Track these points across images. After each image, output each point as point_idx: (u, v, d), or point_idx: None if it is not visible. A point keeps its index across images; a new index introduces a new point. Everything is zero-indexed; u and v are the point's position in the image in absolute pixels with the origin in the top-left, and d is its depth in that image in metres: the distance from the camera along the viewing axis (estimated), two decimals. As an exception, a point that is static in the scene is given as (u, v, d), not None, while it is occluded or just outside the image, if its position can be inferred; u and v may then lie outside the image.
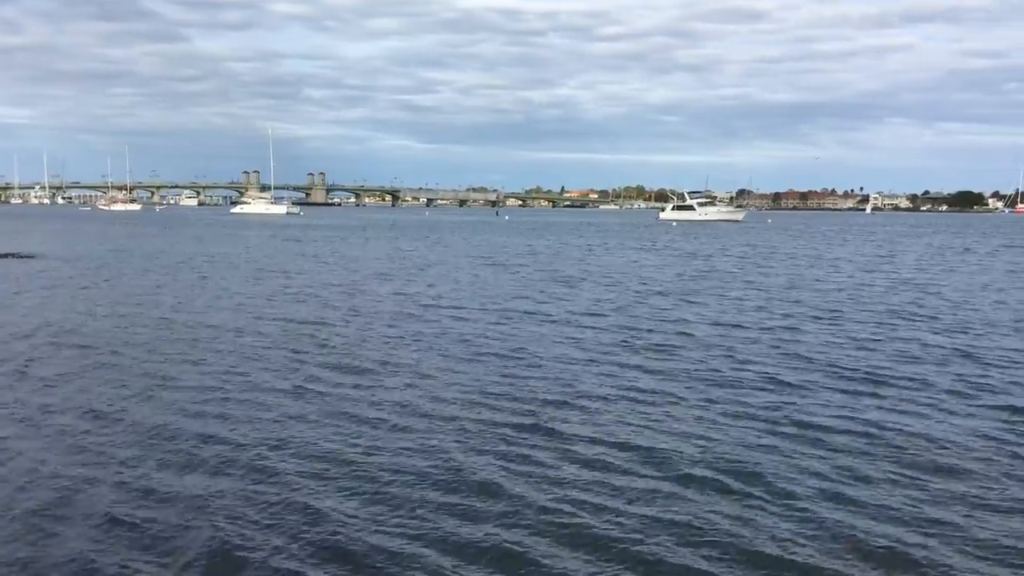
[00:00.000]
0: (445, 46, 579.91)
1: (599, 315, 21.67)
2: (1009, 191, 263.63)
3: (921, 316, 22.22)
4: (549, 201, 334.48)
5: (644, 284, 30.42)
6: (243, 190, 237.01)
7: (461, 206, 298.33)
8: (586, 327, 19.60)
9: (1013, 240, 77.03)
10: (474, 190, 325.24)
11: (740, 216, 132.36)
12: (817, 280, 32.98)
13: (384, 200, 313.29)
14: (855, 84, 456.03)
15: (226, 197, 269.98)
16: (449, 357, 15.66)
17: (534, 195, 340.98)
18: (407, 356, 15.73)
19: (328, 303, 23.57)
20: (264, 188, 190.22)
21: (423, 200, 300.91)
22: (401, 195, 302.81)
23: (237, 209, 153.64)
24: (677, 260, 44.31)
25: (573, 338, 17.97)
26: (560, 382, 13.62)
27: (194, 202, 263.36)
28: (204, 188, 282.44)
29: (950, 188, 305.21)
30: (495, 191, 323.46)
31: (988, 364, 15.54)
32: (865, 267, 40.70)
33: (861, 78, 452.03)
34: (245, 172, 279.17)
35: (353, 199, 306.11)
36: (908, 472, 9.43)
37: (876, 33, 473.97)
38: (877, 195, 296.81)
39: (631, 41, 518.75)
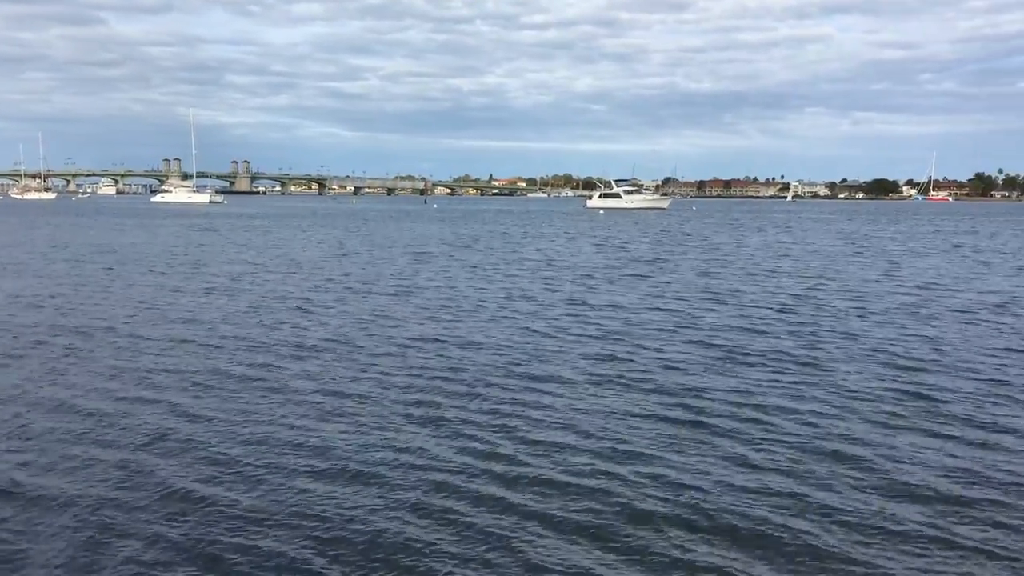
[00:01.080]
0: (371, 32, 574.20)
1: (513, 300, 21.77)
2: (922, 179, 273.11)
3: (811, 302, 22.82)
4: (477, 189, 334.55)
5: (554, 268, 30.62)
6: (164, 178, 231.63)
7: (389, 194, 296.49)
8: (501, 316, 19.64)
9: (915, 226, 79.78)
10: (402, 178, 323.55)
11: (665, 204, 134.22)
12: (723, 267, 33.62)
13: (311, 189, 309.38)
14: (776, 74, 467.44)
15: (146, 186, 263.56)
16: (359, 348, 15.53)
17: (462, 183, 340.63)
18: (310, 349, 15.55)
19: (235, 294, 23.15)
20: (186, 176, 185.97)
21: (350, 189, 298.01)
22: (328, 183, 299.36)
23: (158, 198, 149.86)
24: (599, 247, 44.67)
25: (488, 323, 18.03)
26: (466, 371, 13.63)
27: (112, 191, 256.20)
28: (123, 176, 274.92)
29: (866, 176, 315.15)
30: (423, 179, 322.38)
31: (871, 348, 16.03)
32: (781, 253, 41.66)
33: (781, 68, 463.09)
34: (166, 160, 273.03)
35: (279, 188, 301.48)
36: (799, 456, 9.66)
37: (796, 24, 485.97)
38: (797, 183, 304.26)
39: (558, 30, 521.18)
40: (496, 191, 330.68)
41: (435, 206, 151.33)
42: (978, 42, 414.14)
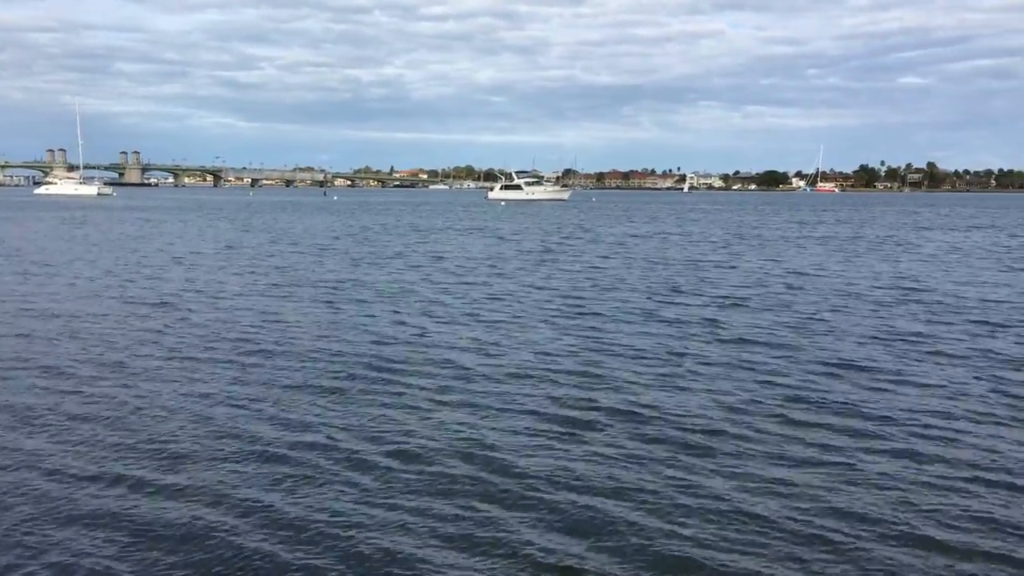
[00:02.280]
0: (267, 21, 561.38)
1: (411, 293, 21.98)
2: (810, 171, 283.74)
3: (686, 292, 23.74)
4: (379, 181, 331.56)
5: (440, 259, 30.91)
6: (47, 169, 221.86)
7: (288, 186, 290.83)
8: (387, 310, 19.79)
9: (793, 215, 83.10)
10: (301, 170, 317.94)
11: (566, 195, 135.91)
12: (607, 257, 34.49)
13: (205, 180, 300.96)
14: (671, 68, 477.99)
15: (28, 177, 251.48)
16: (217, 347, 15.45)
17: (363, 175, 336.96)
18: (169, 348, 15.41)
19: (101, 293, 22.62)
20: (72, 168, 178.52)
21: (247, 180, 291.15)
22: (224, 175, 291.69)
23: (42, 190, 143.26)
24: (489, 239, 45.09)
25: (372, 316, 18.19)
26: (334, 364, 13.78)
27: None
28: (2, 167, 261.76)
29: (758, 168, 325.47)
30: (323, 171, 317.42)
31: (733, 337, 16.86)
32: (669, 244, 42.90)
33: (677, 62, 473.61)
34: (50, 150, 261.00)
35: (171, 179, 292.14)
36: (662, 447, 10.16)
37: (689, 19, 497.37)
38: (693, 175, 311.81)
39: (457, 21, 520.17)
40: (397, 183, 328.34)
41: (335, 198, 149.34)
42: (861, 39, 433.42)
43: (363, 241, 42.98)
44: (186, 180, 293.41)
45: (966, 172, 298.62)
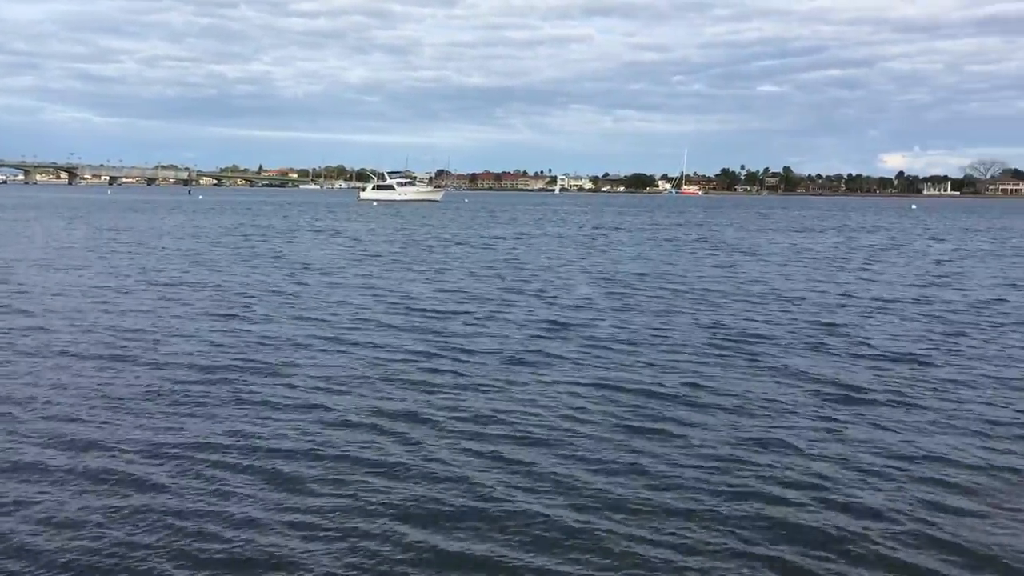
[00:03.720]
0: (125, 12, 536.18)
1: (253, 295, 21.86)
2: (675, 174, 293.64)
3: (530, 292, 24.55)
4: (247, 180, 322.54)
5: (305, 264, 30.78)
6: None
7: (150, 184, 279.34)
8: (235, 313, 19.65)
9: (655, 217, 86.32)
10: (164, 168, 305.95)
11: (438, 196, 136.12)
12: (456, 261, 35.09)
13: (59, 177, 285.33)
14: (542, 71, 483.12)
15: None
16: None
17: (230, 174, 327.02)
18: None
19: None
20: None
21: (105, 178, 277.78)
22: (80, 172, 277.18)
23: None
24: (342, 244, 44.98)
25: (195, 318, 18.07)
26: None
27: None
28: None
29: (626, 170, 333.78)
30: (187, 169, 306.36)
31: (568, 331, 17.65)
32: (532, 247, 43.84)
33: (547, 66, 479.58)
34: None
35: (21, 176, 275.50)
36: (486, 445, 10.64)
37: (559, 24, 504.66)
38: (564, 177, 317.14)
39: (327, 18, 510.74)
40: (266, 182, 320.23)
41: (200, 197, 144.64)
42: (722, 48, 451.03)
43: (224, 243, 42.06)
44: (38, 178, 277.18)
45: (819, 176, 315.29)
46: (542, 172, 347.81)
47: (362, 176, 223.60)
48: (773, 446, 9.81)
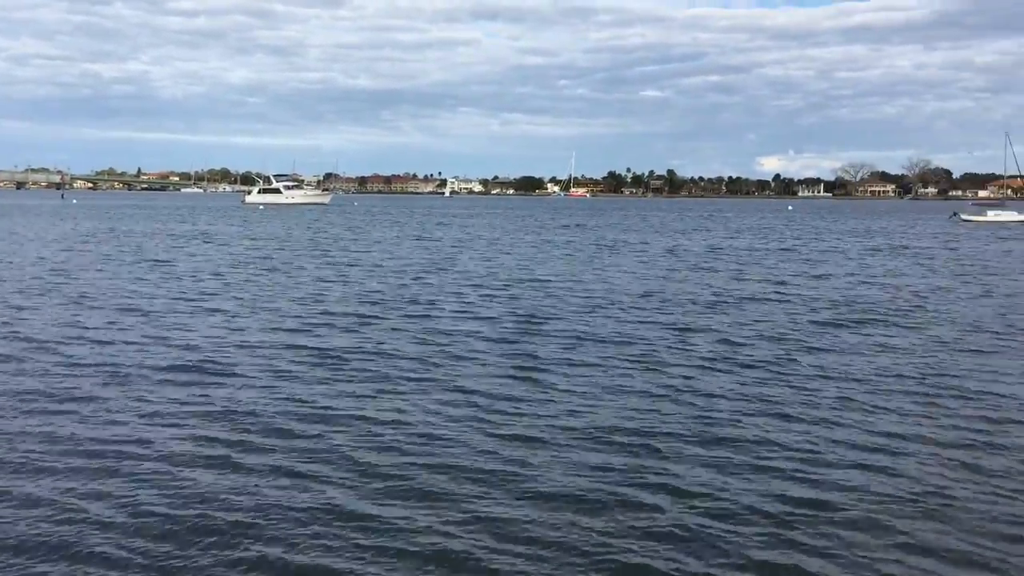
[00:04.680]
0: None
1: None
2: (564, 177, 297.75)
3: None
4: (124, 184, 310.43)
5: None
6: None
7: (19, 188, 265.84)
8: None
9: (542, 222, 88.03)
10: (35, 171, 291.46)
11: (327, 199, 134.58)
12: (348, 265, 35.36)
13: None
14: (430, 74, 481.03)
15: None
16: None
17: (107, 177, 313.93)
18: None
19: None
20: None
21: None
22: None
23: None
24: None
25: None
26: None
27: None
28: None
29: (515, 173, 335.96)
30: (60, 172, 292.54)
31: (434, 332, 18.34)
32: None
33: (435, 69, 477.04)
34: None
35: None
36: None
37: (446, 27, 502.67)
38: (454, 179, 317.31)
39: (207, 18, 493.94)
40: (146, 186, 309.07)
41: (74, 201, 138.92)
42: (606, 53, 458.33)
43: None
44: None
45: (701, 179, 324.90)
46: (432, 175, 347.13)
47: (247, 179, 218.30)
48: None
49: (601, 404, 11.94)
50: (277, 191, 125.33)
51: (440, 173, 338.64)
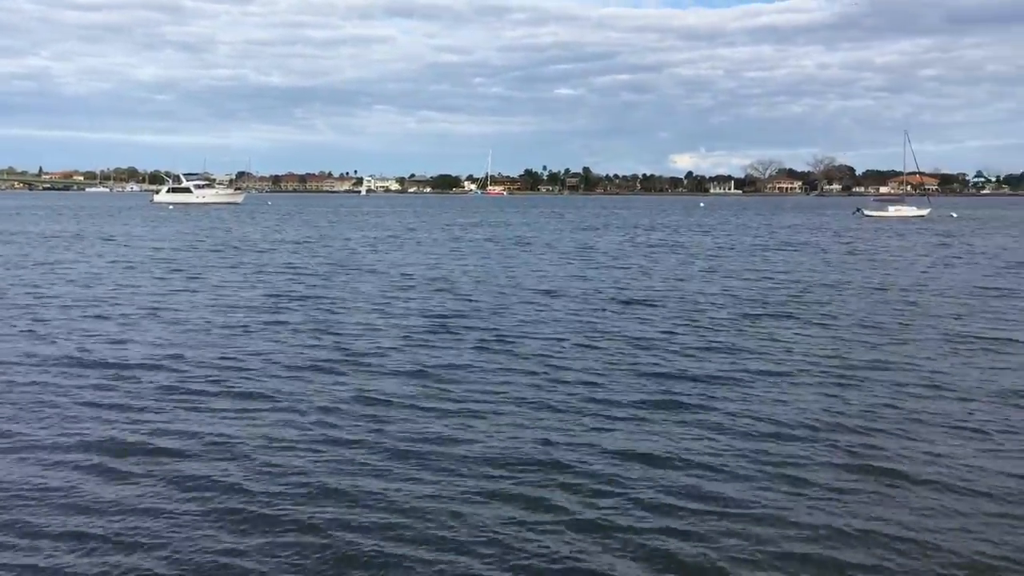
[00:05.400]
0: None
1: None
2: (480, 175, 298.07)
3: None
4: (24, 183, 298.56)
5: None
6: None
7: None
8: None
9: (452, 220, 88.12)
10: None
11: (239, 199, 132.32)
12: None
13: None
14: (344, 71, 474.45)
15: None
16: None
17: (6, 177, 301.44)
18: None
19: None
20: None
21: None
22: None
23: None
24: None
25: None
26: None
27: None
28: None
29: (432, 172, 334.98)
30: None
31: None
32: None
33: (349, 66, 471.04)
34: None
35: None
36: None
37: (360, 24, 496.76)
38: (370, 178, 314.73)
39: (111, 12, 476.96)
40: (48, 185, 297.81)
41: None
42: (521, 51, 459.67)
43: None
44: None
45: (616, 176, 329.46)
46: (348, 173, 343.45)
47: (156, 179, 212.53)
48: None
49: (502, 411, 12.05)
50: (187, 190, 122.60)
51: (356, 171, 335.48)
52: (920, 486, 8.89)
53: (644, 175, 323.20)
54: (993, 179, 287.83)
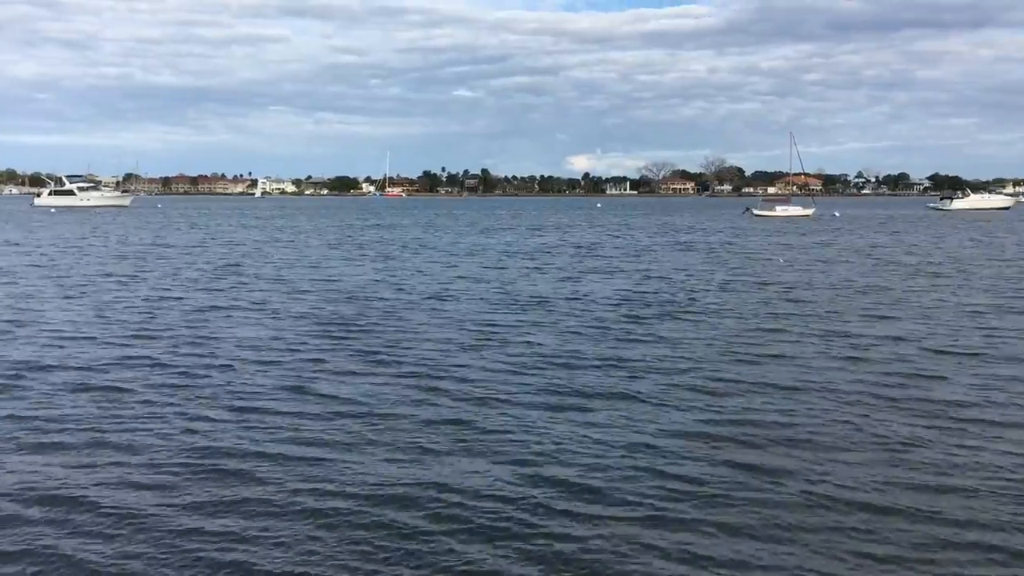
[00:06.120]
0: None
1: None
2: (379, 176, 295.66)
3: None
4: None
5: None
6: None
7: None
8: None
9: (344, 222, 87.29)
10: None
11: (127, 201, 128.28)
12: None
13: None
14: (238, 71, 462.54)
15: None
16: None
17: None
18: None
19: None
20: None
21: None
22: None
23: None
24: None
25: None
26: None
27: None
28: None
29: (330, 173, 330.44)
30: None
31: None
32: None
33: (242, 66, 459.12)
34: None
35: None
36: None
37: (254, 23, 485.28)
38: (266, 180, 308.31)
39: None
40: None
41: None
42: (417, 53, 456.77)
43: None
44: None
45: (515, 178, 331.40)
46: (243, 175, 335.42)
47: (36, 181, 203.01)
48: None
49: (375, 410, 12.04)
50: (71, 193, 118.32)
51: (251, 173, 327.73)
52: (795, 481, 9.29)
53: (542, 176, 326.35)
54: (873, 180, 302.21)
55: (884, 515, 8.34)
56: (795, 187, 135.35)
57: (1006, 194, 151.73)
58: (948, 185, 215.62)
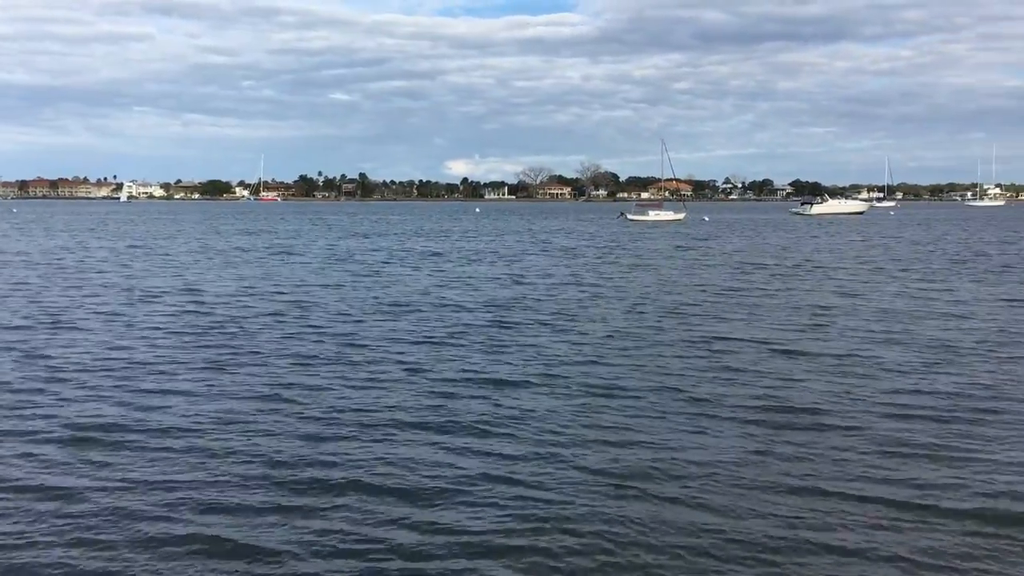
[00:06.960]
0: None
1: None
2: (253, 180, 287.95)
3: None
4: None
5: None
6: None
7: None
8: None
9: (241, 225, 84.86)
10: None
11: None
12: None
13: None
14: (98, 71, 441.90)
15: None
16: None
17: None
18: None
19: None
20: None
21: None
22: None
23: None
24: None
25: None
26: None
27: None
28: None
29: (201, 177, 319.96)
30: None
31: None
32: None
33: (103, 65, 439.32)
34: None
35: None
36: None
37: (116, 20, 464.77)
38: (131, 183, 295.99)
39: None
40: None
41: None
42: (292, 54, 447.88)
43: None
44: None
45: (393, 182, 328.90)
46: (107, 179, 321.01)
47: None
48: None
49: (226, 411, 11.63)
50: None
51: (116, 176, 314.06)
52: (666, 483, 9.42)
53: (421, 181, 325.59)
54: (740, 185, 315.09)
55: (721, 515, 8.55)
56: (667, 192, 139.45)
57: (861, 199, 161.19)
58: (808, 191, 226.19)
